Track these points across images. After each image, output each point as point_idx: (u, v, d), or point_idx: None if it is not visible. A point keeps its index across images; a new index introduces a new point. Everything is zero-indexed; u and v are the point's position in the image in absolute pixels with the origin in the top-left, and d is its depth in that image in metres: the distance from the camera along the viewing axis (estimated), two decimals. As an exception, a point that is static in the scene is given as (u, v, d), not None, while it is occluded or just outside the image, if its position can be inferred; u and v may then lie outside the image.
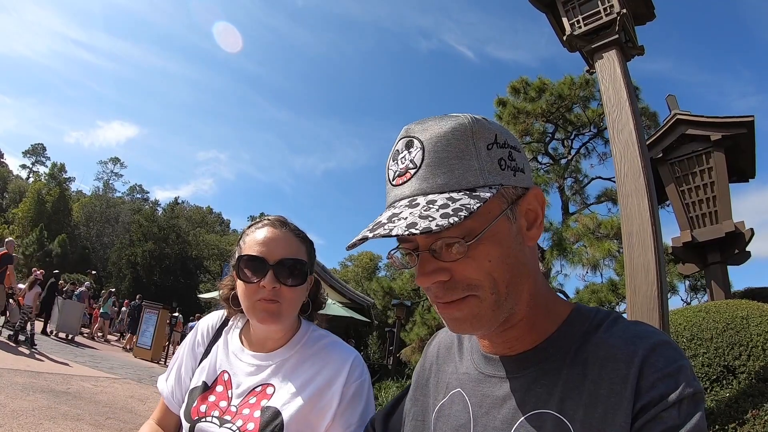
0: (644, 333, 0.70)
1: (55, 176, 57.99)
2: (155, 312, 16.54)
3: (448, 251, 0.70)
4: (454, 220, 0.63)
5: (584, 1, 4.78)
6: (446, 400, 0.88)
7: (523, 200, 0.76)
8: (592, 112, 14.16)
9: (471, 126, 0.73)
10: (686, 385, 0.62)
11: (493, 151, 0.73)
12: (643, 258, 3.63)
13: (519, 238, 0.74)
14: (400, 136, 0.77)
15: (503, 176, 0.73)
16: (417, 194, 0.71)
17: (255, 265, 1.28)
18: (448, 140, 0.71)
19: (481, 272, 0.70)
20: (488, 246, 0.70)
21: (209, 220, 64.86)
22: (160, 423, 1.46)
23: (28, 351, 10.55)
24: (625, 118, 4.03)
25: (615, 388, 0.65)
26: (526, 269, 0.75)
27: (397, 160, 0.76)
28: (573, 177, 15.41)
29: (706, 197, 8.31)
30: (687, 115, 8.56)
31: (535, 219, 0.78)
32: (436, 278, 0.72)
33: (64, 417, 5.73)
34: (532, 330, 0.78)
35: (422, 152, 0.72)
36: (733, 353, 4.24)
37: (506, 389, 0.77)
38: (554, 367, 0.73)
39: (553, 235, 13.10)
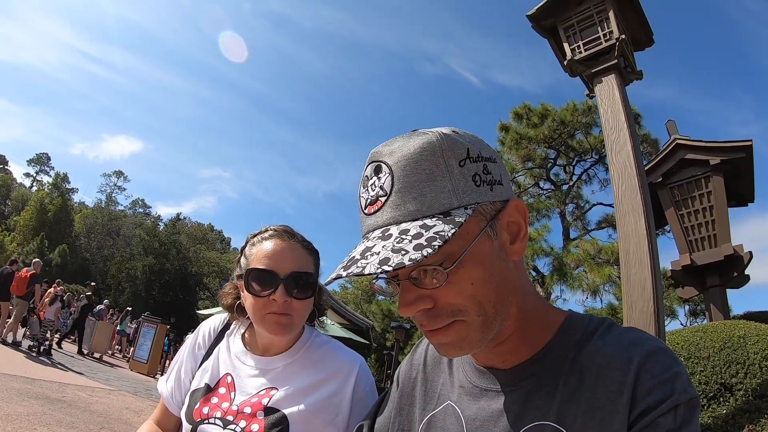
0: (639, 339, 0.69)
1: (58, 186, 58.22)
2: (153, 326, 16.54)
3: (428, 278, 0.68)
4: (428, 251, 0.61)
5: (584, 27, 4.95)
6: (438, 411, 0.87)
7: (503, 214, 0.73)
8: (594, 139, 14.27)
9: (440, 143, 0.70)
10: (682, 391, 0.62)
11: (466, 168, 0.70)
12: (639, 275, 3.72)
13: (502, 254, 0.72)
14: (369, 160, 0.74)
15: (479, 193, 0.70)
16: (389, 223, 0.68)
17: (265, 279, 1.27)
18: (416, 162, 0.68)
19: (464, 296, 0.68)
20: (469, 269, 0.68)
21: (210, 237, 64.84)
22: (159, 423, 1.47)
23: (49, 362, 10.99)
24: (623, 140, 4.16)
25: (612, 395, 0.64)
26: (512, 285, 0.73)
27: (367, 186, 0.73)
28: (574, 203, 15.53)
29: (705, 221, 8.40)
30: (686, 140, 8.69)
31: (518, 231, 0.75)
32: (419, 307, 0.70)
33: (58, 424, 5.72)
34: (524, 342, 0.76)
35: (391, 177, 0.69)
36: (730, 371, 4.30)
37: (501, 403, 0.75)
38: (550, 378, 0.72)
39: (553, 260, 13.17)
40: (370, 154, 0.74)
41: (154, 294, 45.44)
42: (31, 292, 11.60)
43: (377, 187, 0.71)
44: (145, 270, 45.73)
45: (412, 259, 0.60)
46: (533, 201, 14.84)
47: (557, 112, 14.43)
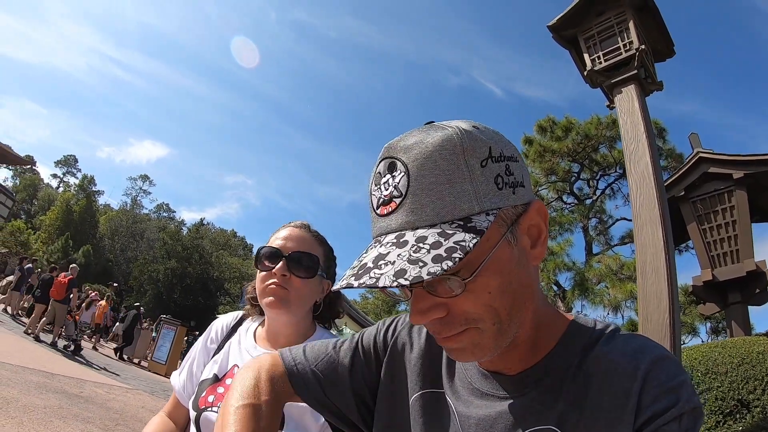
0: (645, 347, 0.68)
1: (84, 188, 59.30)
2: (173, 328, 16.74)
3: (443, 287, 0.64)
4: (448, 264, 0.57)
5: (605, 38, 4.96)
6: (431, 392, 0.85)
7: (524, 218, 0.69)
8: (618, 153, 14.06)
9: (461, 141, 0.64)
10: (687, 400, 0.62)
11: (488, 168, 0.65)
12: (656, 286, 3.69)
13: (522, 260, 0.68)
14: (381, 155, 0.69)
15: (501, 197, 0.65)
16: (404, 228, 0.64)
17: (271, 255, 1.40)
18: (435, 161, 0.63)
19: (480, 306, 0.65)
20: (488, 277, 0.64)
21: (233, 243, 65.25)
22: (170, 415, 1.52)
23: (84, 361, 11.73)
24: (642, 150, 4.15)
25: (617, 402, 0.64)
26: (530, 292, 0.70)
27: (379, 185, 0.68)
28: (597, 217, 15.38)
29: (727, 236, 8.25)
30: (709, 153, 8.58)
31: (538, 235, 0.71)
32: (432, 316, 0.66)
33: (75, 418, 5.81)
34: (533, 349, 0.74)
35: (407, 177, 0.64)
36: (748, 387, 4.22)
37: (502, 408, 0.73)
38: (554, 384, 0.71)
39: (575, 275, 13.01)
40: (383, 149, 0.69)
41: (176, 297, 45.95)
42: (69, 296, 12.46)
43: (391, 186, 0.66)
44: (167, 273, 46.29)
45: (431, 273, 0.56)
46: (556, 215, 14.72)
47: (581, 125, 14.32)
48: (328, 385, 0.91)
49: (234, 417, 0.78)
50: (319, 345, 0.97)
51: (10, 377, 6.61)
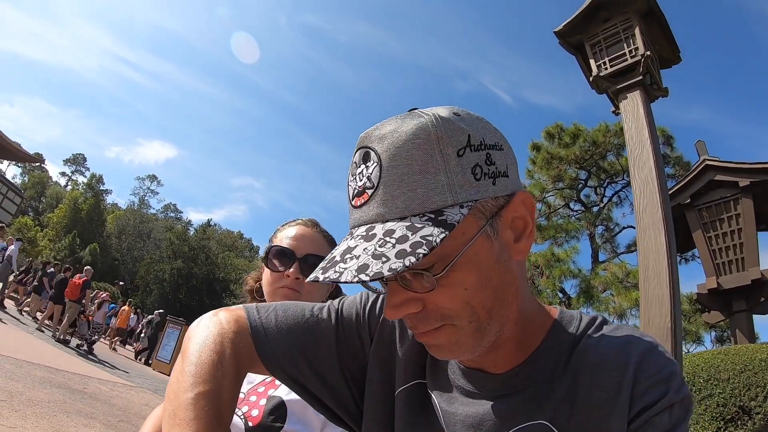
0: (633, 338, 0.68)
1: (92, 187, 59.52)
2: (178, 328, 16.75)
3: (418, 281, 0.62)
4: (411, 260, 0.54)
5: (611, 44, 4.98)
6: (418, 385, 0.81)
7: (507, 209, 0.65)
8: (625, 160, 13.94)
9: (435, 129, 0.61)
10: (676, 390, 0.62)
11: (465, 158, 0.61)
12: (658, 291, 3.70)
13: (504, 255, 0.65)
14: (357, 145, 0.66)
15: (478, 188, 0.61)
16: (375, 221, 0.61)
17: (283, 256, 1.37)
18: (407, 151, 0.60)
19: (456, 302, 0.62)
20: (463, 273, 0.61)
21: (239, 245, 65.21)
22: None
23: (96, 359, 12.06)
24: (646, 156, 4.17)
25: (609, 396, 0.63)
26: (514, 288, 0.67)
27: (355, 175, 0.65)
28: (604, 225, 15.32)
29: (733, 244, 8.25)
30: (716, 161, 8.58)
31: (524, 228, 0.67)
32: (406, 311, 0.64)
33: (78, 413, 5.82)
34: (519, 346, 0.72)
35: (379, 167, 0.61)
36: (750, 394, 4.22)
37: (488, 407, 0.71)
38: (543, 381, 0.69)
39: (581, 282, 12.98)
40: (359, 138, 0.66)
41: (181, 297, 46.04)
42: (83, 297, 12.85)
43: (364, 177, 0.63)
44: (173, 273, 46.38)
45: (392, 269, 0.54)
46: (563, 222, 14.70)
47: (589, 132, 14.29)
48: (305, 359, 0.82)
49: (192, 411, 0.66)
50: (293, 309, 0.87)
51: (15, 371, 6.65)
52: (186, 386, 0.70)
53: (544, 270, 12.88)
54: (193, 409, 0.67)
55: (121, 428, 6.03)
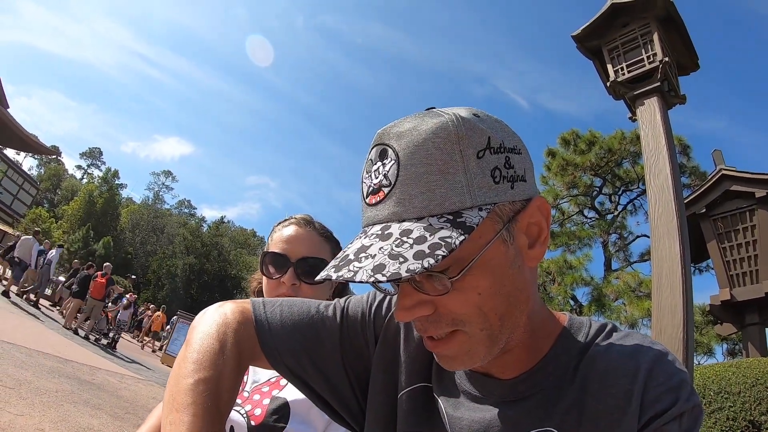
0: (642, 346, 0.67)
1: (108, 181, 59.91)
2: (188, 323, 16.80)
3: (430, 284, 0.61)
4: (429, 262, 0.53)
5: (629, 49, 4.94)
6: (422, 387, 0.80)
7: (523, 214, 0.64)
8: (641, 168, 13.78)
9: (456, 129, 0.60)
10: (686, 399, 0.61)
11: (485, 160, 0.60)
12: (671, 300, 3.65)
13: (518, 261, 0.64)
14: (374, 141, 0.65)
15: (497, 191, 0.61)
16: (391, 219, 0.60)
17: (277, 262, 1.33)
18: (427, 150, 0.59)
19: (468, 306, 0.61)
20: (478, 277, 0.60)
21: (252, 243, 65.10)
22: None
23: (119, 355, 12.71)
24: (662, 163, 4.12)
25: (618, 403, 0.62)
26: (525, 295, 0.66)
27: (370, 172, 0.64)
28: (618, 233, 15.13)
29: (747, 255, 8.14)
30: (732, 171, 8.47)
31: (538, 234, 0.66)
32: (417, 314, 0.63)
33: (85, 404, 5.86)
34: (528, 352, 0.71)
35: (397, 165, 0.60)
36: (761, 408, 4.15)
37: (496, 413, 0.70)
38: (552, 387, 0.68)
39: (593, 290, 12.88)
40: (376, 134, 0.65)
41: (192, 293, 46.34)
42: (107, 295, 13.55)
43: (381, 174, 0.62)
44: (185, 268, 46.71)
45: (410, 270, 0.53)
46: (576, 229, 14.60)
47: (605, 139, 14.15)
48: (308, 356, 0.82)
49: (190, 396, 0.67)
50: (299, 305, 0.87)
51: (24, 360, 6.72)
52: (186, 372, 0.70)
53: (556, 277, 12.80)
54: (191, 394, 0.67)
55: (127, 420, 6.06)
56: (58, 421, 4.77)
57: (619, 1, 4.96)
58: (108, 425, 5.41)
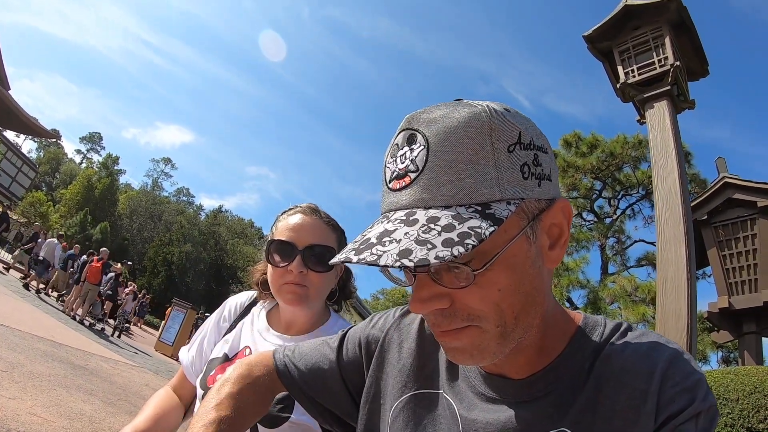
0: (658, 345, 0.65)
1: (107, 166, 59.75)
2: (183, 311, 16.76)
3: (450, 276, 0.59)
4: (459, 251, 0.51)
5: (640, 52, 4.92)
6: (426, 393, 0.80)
7: (547, 214, 0.63)
8: (642, 174, 13.93)
9: (489, 121, 0.59)
10: (702, 399, 0.60)
11: (515, 154, 0.59)
12: (675, 304, 3.64)
13: (538, 260, 0.63)
14: (401, 126, 0.63)
15: (525, 187, 0.59)
16: (416, 206, 0.58)
17: (284, 250, 1.30)
18: (458, 138, 0.58)
19: (487, 303, 0.59)
20: (499, 273, 0.59)
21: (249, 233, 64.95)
22: (176, 390, 1.50)
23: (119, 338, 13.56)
24: (671, 167, 4.10)
25: (633, 403, 0.61)
26: (542, 296, 0.65)
27: (396, 157, 0.62)
28: (616, 237, 15.21)
29: (747, 264, 8.14)
30: (735, 179, 8.47)
31: (559, 236, 0.65)
32: (434, 306, 0.61)
33: (78, 389, 5.81)
34: (541, 352, 0.70)
35: (426, 152, 0.59)
36: (758, 416, 4.15)
37: (510, 414, 0.69)
38: (566, 387, 0.67)
39: (589, 293, 12.92)
40: (404, 119, 0.63)
41: (188, 281, 46.22)
42: (101, 279, 13.53)
43: (408, 159, 0.60)
44: (181, 256, 46.57)
45: (440, 257, 0.51)
46: (575, 231, 14.63)
47: (607, 143, 14.21)
48: (316, 387, 0.91)
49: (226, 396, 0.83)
50: (312, 344, 0.97)
51: (18, 343, 6.67)
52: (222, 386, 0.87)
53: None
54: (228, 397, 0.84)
55: (119, 406, 6.02)
56: (51, 406, 4.73)
57: (632, 3, 4.93)
58: (100, 411, 5.38)
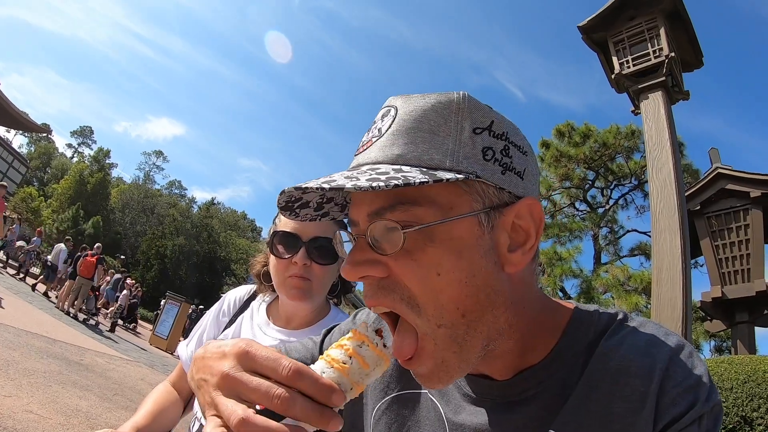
0: (657, 339, 0.62)
1: (98, 160, 59.10)
2: (177, 304, 16.71)
3: (387, 240, 0.56)
4: (379, 184, 0.50)
5: (635, 43, 4.91)
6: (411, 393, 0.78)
7: (510, 209, 0.59)
8: (634, 164, 13.96)
9: (459, 102, 0.59)
10: (706, 399, 0.56)
11: (481, 137, 0.58)
12: (670, 293, 3.66)
13: (492, 256, 0.58)
14: (383, 106, 0.65)
15: (484, 167, 0.57)
16: (368, 162, 0.59)
17: (288, 242, 1.30)
18: (425, 110, 0.58)
19: (424, 286, 0.56)
20: (440, 252, 0.56)
21: (242, 225, 64.76)
22: (174, 385, 1.51)
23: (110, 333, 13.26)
24: (665, 158, 4.11)
25: (632, 406, 0.57)
26: (502, 299, 0.60)
27: (370, 129, 0.63)
28: (609, 227, 15.25)
29: (740, 254, 8.20)
30: (728, 170, 8.51)
31: (524, 240, 0.61)
32: (365, 271, 0.59)
33: (74, 385, 5.83)
34: (522, 355, 0.66)
35: (392, 121, 0.60)
36: (752, 405, 4.19)
37: (498, 416, 0.66)
38: (558, 387, 0.63)
39: (581, 282, 12.98)
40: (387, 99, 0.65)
41: (181, 274, 46.01)
42: (95, 274, 13.61)
43: (376, 129, 0.62)
44: (174, 249, 46.33)
45: (357, 186, 0.51)
46: (567, 221, 14.66)
47: (600, 133, 14.22)
48: None
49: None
50: (301, 341, 0.95)
51: (12, 340, 6.66)
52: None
53: (545, 268, 12.87)
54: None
55: (115, 401, 6.02)
56: (47, 403, 4.73)
57: (627, -6, 4.93)
58: (96, 406, 5.38)
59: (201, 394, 0.57)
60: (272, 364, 0.51)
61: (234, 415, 0.48)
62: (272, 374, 0.51)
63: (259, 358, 0.53)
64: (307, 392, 0.50)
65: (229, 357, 0.54)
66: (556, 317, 0.68)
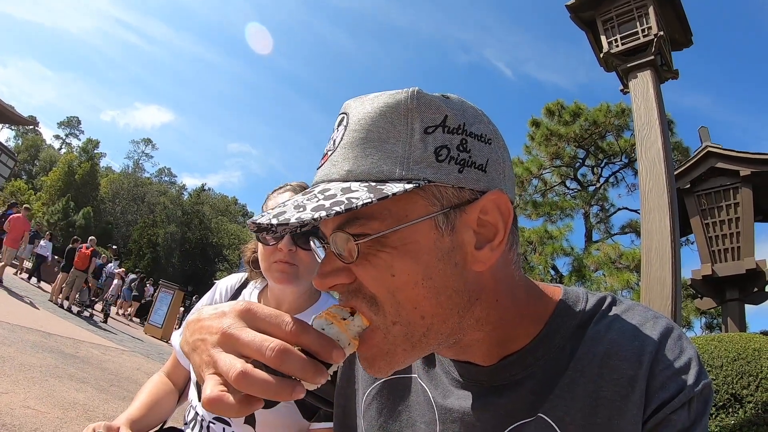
0: (645, 322, 0.62)
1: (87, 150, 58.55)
2: (170, 292, 16.67)
3: (348, 250, 0.58)
4: (321, 215, 0.50)
5: (623, 21, 4.89)
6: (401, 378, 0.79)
7: (473, 206, 0.58)
8: (624, 142, 14.02)
9: (408, 101, 0.57)
10: (695, 382, 0.57)
11: (432, 136, 0.57)
12: (660, 273, 3.69)
13: (453, 257, 0.57)
14: (339, 111, 0.64)
15: (438, 170, 0.56)
16: (322, 180, 0.59)
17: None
18: (373, 118, 0.57)
19: (380, 286, 0.57)
20: (393, 256, 0.56)
21: (233, 210, 64.69)
22: (169, 375, 1.52)
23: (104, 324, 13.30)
24: (654, 137, 4.11)
25: (621, 391, 0.57)
26: (466, 299, 0.59)
27: (330, 139, 0.63)
28: (599, 205, 15.38)
29: (729, 232, 8.26)
30: (718, 148, 8.54)
31: (493, 237, 0.59)
32: (333, 281, 0.60)
33: (70, 378, 5.81)
34: (503, 344, 0.66)
35: (344, 131, 0.59)
36: (742, 382, 4.24)
37: (487, 401, 0.66)
38: (545, 371, 0.63)
39: (573, 260, 13.07)
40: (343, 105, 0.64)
41: (174, 261, 46.02)
42: (89, 266, 13.77)
43: (332, 139, 0.61)
44: (166, 237, 46.29)
45: (300, 219, 0.51)
46: (558, 199, 14.75)
47: (590, 111, 14.24)
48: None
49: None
50: None
51: (6, 336, 6.62)
52: None
53: (537, 246, 12.94)
54: None
55: (112, 392, 6.02)
56: (44, 397, 4.71)
57: (615, -28, 4.89)
58: (93, 398, 5.37)
59: (198, 354, 0.55)
60: (275, 320, 0.52)
61: (233, 369, 0.47)
62: (275, 330, 0.51)
63: (261, 314, 0.53)
64: (311, 348, 0.50)
65: (229, 315, 0.54)
66: (540, 304, 0.68)
